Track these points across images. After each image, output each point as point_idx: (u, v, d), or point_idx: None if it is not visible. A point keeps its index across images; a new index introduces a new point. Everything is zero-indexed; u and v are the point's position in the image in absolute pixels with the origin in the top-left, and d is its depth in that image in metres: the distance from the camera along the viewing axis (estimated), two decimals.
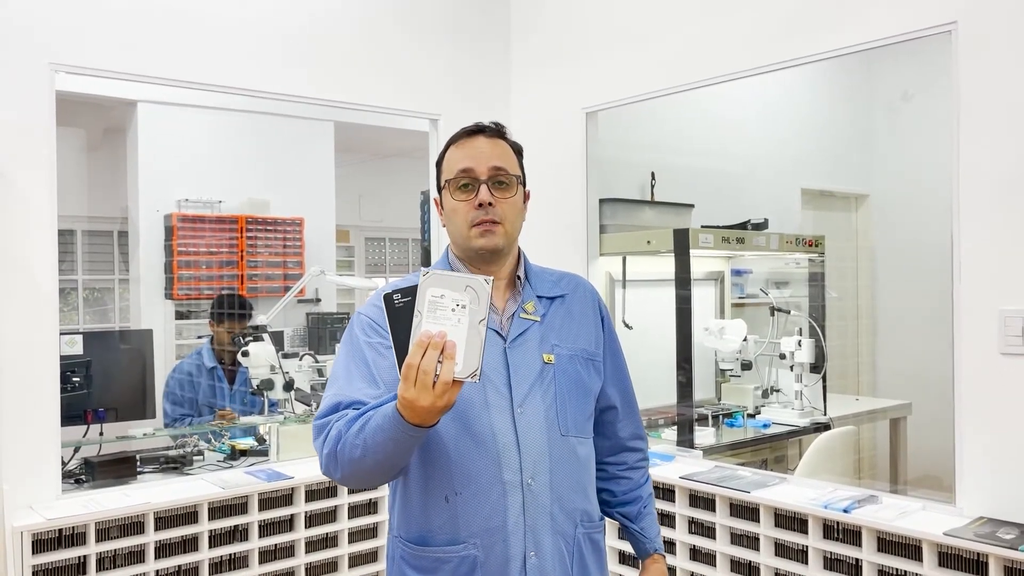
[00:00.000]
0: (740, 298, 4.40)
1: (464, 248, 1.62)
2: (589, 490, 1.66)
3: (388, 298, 1.27)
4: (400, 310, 1.27)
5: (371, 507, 3.12)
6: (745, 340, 3.83)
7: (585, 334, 1.68)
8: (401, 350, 1.26)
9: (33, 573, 2.45)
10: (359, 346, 1.56)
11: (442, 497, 1.52)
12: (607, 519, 1.76)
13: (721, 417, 3.76)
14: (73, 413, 3.00)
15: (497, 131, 1.65)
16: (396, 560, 1.61)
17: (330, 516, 3.02)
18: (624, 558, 3.07)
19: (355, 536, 3.06)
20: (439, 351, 1.25)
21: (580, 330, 1.67)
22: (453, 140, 1.65)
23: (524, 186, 1.66)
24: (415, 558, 1.56)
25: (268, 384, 3.40)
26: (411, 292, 1.27)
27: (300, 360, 3.57)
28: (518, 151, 1.67)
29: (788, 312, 4.05)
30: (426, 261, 4.00)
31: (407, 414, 1.30)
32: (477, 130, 1.64)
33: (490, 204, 1.56)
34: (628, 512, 1.76)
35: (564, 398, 1.60)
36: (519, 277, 1.66)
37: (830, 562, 2.51)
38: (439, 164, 1.67)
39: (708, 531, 2.81)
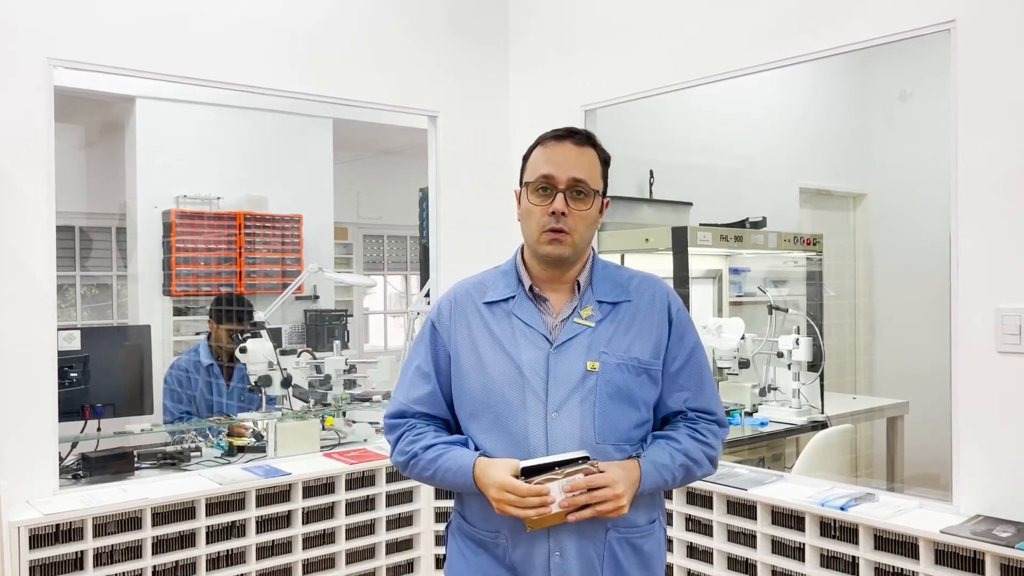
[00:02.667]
0: (738, 296, 4.40)
1: (533, 250, 1.66)
2: None
3: (587, 459, 1.54)
4: (568, 464, 1.53)
5: (368, 504, 3.12)
6: (743, 338, 3.83)
7: (642, 342, 1.65)
8: (538, 467, 1.53)
9: (30, 568, 2.45)
10: (427, 343, 1.73)
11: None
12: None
13: None
14: (71, 408, 3.00)
15: (587, 138, 1.66)
16: (453, 531, 1.75)
17: (327, 512, 3.02)
18: None
19: (352, 532, 3.07)
20: (540, 505, 1.49)
21: (637, 338, 1.65)
22: (541, 140, 1.67)
23: (604, 196, 1.68)
24: (467, 531, 1.69)
25: (266, 380, 3.40)
26: (580, 463, 1.53)
27: (298, 357, 3.57)
28: (605, 160, 1.68)
29: (786, 310, 4.05)
30: (424, 258, 4.00)
31: (480, 484, 1.57)
32: (567, 134, 1.65)
33: (563, 214, 1.59)
34: (647, 438, 1.67)
35: (605, 407, 1.60)
36: (579, 282, 1.68)
37: (827, 560, 2.51)
38: (525, 159, 1.69)
39: (705, 528, 2.81)
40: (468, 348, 1.67)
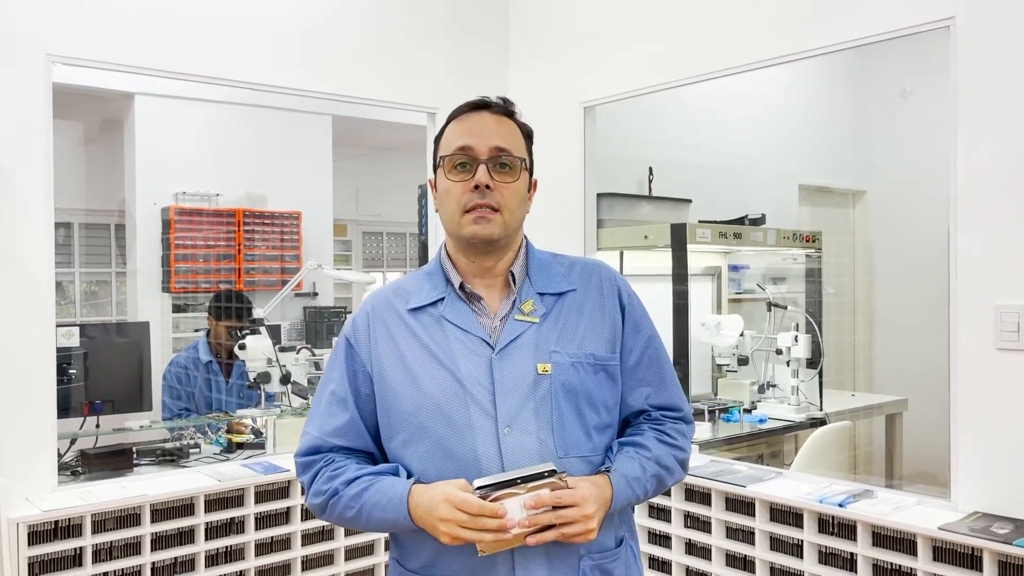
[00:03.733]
0: (737, 293, 4.40)
1: (456, 237, 1.45)
2: None
3: (554, 472, 1.31)
4: (532, 479, 1.30)
5: None
6: (742, 335, 3.83)
7: (595, 335, 1.45)
8: (495, 484, 1.30)
9: (29, 565, 2.45)
10: (342, 364, 1.48)
11: None
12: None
13: (717, 412, 3.77)
14: (70, 405, 3.00)
15: (504, 108, 1.48)
16: None
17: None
18: None
19: (351, 529, 3.07)
20: (497, 528, 1.27)
21: (589, 331, 1.45)
22: (454, 114, 1.47)
23: (531, 174, 1.49)
24: None
25: (265, 377, 3.40)
26: (546, 476, 1.30)
27: (297, 354, 3.57)
28: (527, 134, 1.50)
29: (785, 308, 4.05)
30: (423, 255, 4.00)
31: (418, 514, 1.33)
32: (482, 104, 1.46)
33: (488, 187, 1.39)
34: (612, 446, 1.47)
35: (563, 414, 1.39)
36: (513, 273, 1.47)
37: (825, 556, 2.51)
38: (437, 140, 1.49)
39: (704, 525, 2.81)
40: (395, 364, 1.43)
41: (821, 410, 3.91)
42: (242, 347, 3.41)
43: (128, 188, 5.04)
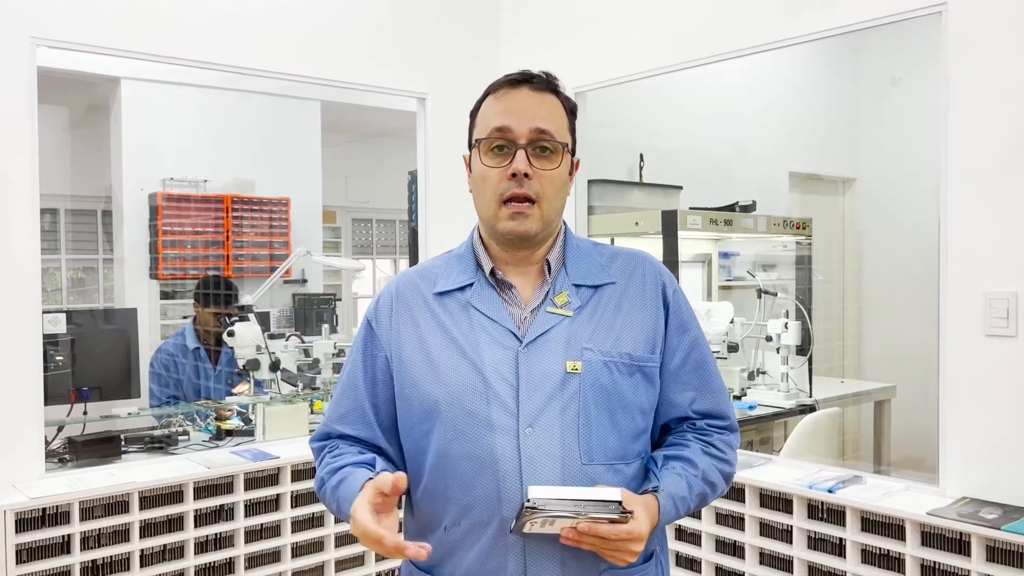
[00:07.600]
0: (727, 280, 4.41)
1: (489, 228, 1.37)
2: None
3: (620, 505, 1.19)
4: (595, 505, 1.18)
5: None
6: (732, 322, 3.84)
7: (633, 333, 1.36)
8: (553, 499, 1.20)
9: (17, 552, 2.44)
10: (361, 347, 1.43)
11: (441, 526, 1.33)
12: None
13: None
14: (57, 392, 2.98)
15: (547, 82, 1.37)
16: None
17: (316, 495, 3.01)
18: None
19: (340, 517, 3.06)
20: (388, 554, 1.22)
21: (627, 328, 1.36)
22: (492, 89, 1.38)
23: (573, 153, 1.39)
24: None
25: (254, 364, 3.39)
26: (613, 508, 1.19)
27: (286, 341, 3.56)
28: (570, 109, 1.39)
29: (775, 295, 4.06)
30: (413, 242, 3.98)
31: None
32: (523, 79, 1.36)
33: (526, 176, 1.30)
34: (655, 457, 1.39)
35: (590, 417, 1.30)
36: (548, 262, 1.38)
37: (814, 541, 2.53)
38: (473, 115, 1.40)
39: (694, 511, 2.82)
40: (416, 352, 1.36)
41: (811, 397, 3.92)
42: (231, 334, 3.39)
43: (115, 174, 4.99)
